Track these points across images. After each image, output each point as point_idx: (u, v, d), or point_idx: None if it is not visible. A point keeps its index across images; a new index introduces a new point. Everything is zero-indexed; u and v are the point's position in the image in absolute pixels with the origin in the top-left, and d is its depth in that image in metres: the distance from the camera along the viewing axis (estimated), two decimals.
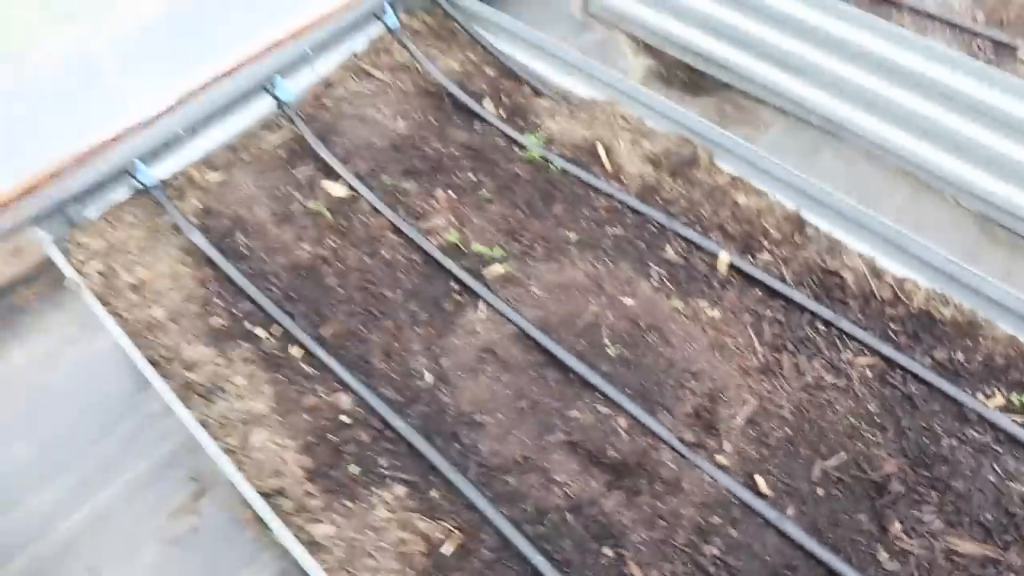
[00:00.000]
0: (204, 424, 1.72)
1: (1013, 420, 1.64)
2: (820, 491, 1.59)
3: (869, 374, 1.74)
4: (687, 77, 2.81)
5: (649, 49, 2.90)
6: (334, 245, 2.06)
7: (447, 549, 1.54)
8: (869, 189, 2.42)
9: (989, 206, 2.31)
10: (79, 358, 2.30)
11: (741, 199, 2.04)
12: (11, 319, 2.42)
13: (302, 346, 1.86)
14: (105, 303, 1.96)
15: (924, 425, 1.66)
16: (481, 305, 1.89)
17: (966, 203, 2.37)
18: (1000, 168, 2.24)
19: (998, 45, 2.35)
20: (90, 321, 2.33)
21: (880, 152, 2.47)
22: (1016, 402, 1.67)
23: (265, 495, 1.60)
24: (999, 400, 1.68)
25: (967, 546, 1.50)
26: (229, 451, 1.68)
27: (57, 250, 2.04)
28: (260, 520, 1.88)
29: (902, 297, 1.84)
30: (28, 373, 2.29)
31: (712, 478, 1.59)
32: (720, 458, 1.63)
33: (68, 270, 1.99)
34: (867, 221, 1.91)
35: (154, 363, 1.84)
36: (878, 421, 1.68)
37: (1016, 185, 2.25)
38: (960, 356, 1.75)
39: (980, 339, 1.76)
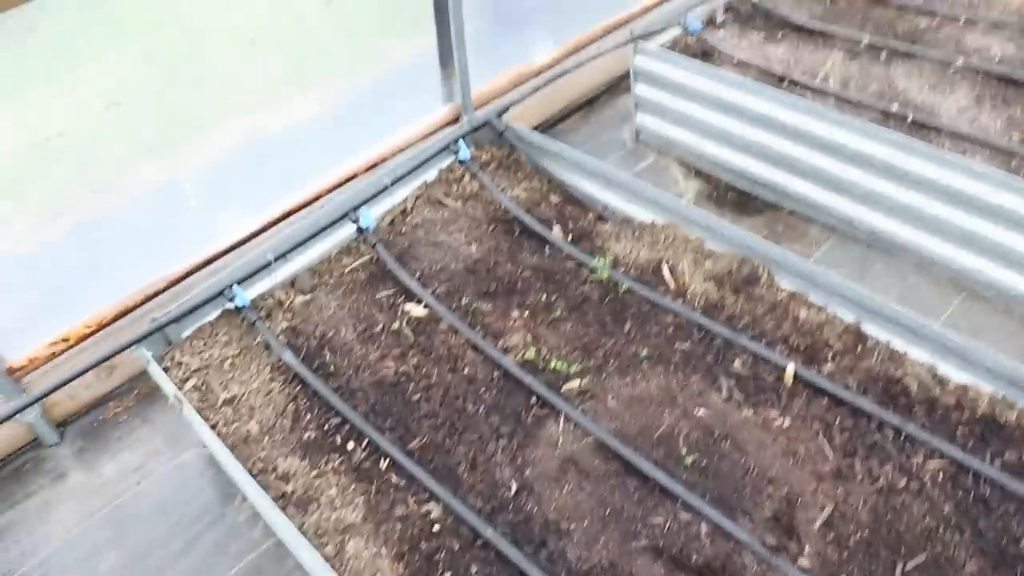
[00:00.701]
0: (302, 531, 1.80)
1: None
2: None
3: (941, 477, 1.80)
4: (736, 198, 2.98)
5: (698, 173, 3.09)
6: (417, 363, 2.18)
7: None
8: (921, 299, 2.52)
9: None
10: (165, 471, 2.41)
11: (802, 313, 2.15)
12: (101, 433, 2.55)
13: (391, 458, 1.96)
14: (204, 418, 2.08)
15: (1001, 526, 1.70)
16: (561, 418, 1.99)
17: (1015, 309, 2.45)
18: None
19: None
20: (176, 436, 2.47)
21: (928, 264, 2.59)
22: None
23: None
24: None
25: None
26: (327, 559, 1.75)
27: (159, 369, 2.19)
28: None
29: (966, 402, 1.91)
30: (117, 486, 2.40)
31: None
32: (802, 561, 1.67)
33: (170, 388, 2.13)
34: (925, 330, 2.00)
35: (252, 475, 1.94)
36: (954, 523, 1.72)
37: None
38: None
39: None
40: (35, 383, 2.42)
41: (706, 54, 3.09)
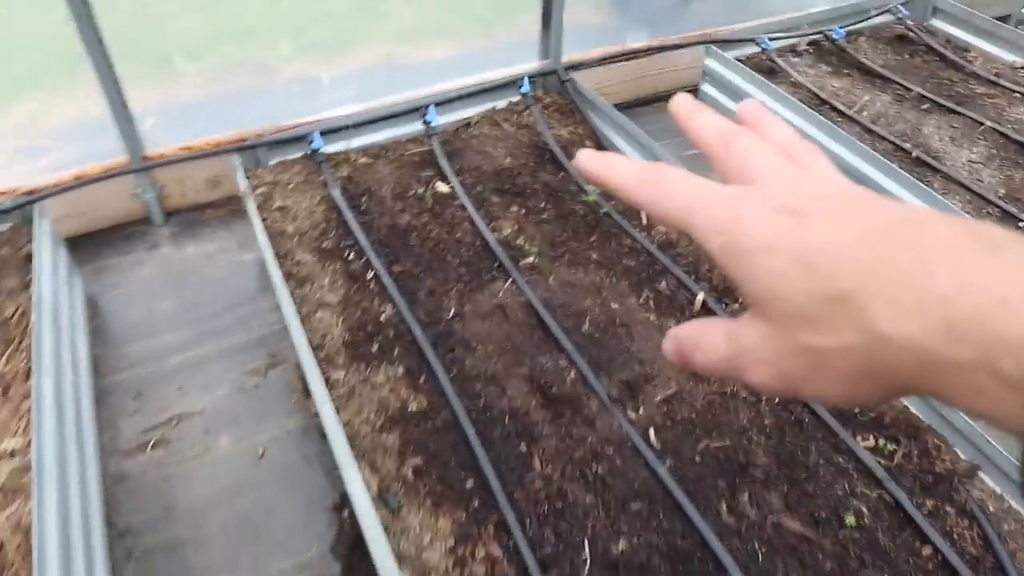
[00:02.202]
0: (292, 296, 2.41)
1: (876, 460, 2.01)
2: (697, 459, 2.01)
3: (777, 402, 2.17)
4: None
5: None
6: (425, 221, 2.76)
7: (412, 409, 2.10)
8: None
9: None
10: (228, 262, 3.10)
11: None
12: (194, 228, 3.28)
13: (375, 272, 2.53)
14: (260, 213, 2.73)
15: (803, 444, 2.06)
16: (509, 281, 2.50)
17: None
18: None
19: (1006, 215, 2.75)
20: (246, 242, 3.16)
21: None
22: (884, 448, 2.04)
23: (312, 346, 2.24)
24: (871, 443, 2.05)
25: (793, 524, 1.88)
26: (300, 316, 2.35)
27: (243, 173, 2.87)
28: (304, 392, 2.53)
29: None
30: (191, 262, 3.11)
31: (619, 424, 2.07)
32: (631, 415, 2.11)
33: (244, 185, 2.81)
34: None
35: (275, 256, 2.57)
36: (767, 431, 2.09)
37: None
38: (856, 409, 2.14)
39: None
40: (157, 171, 3.18)
41: (772, 71, 3.49)
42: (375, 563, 1.76)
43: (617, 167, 0.52)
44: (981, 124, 3.16)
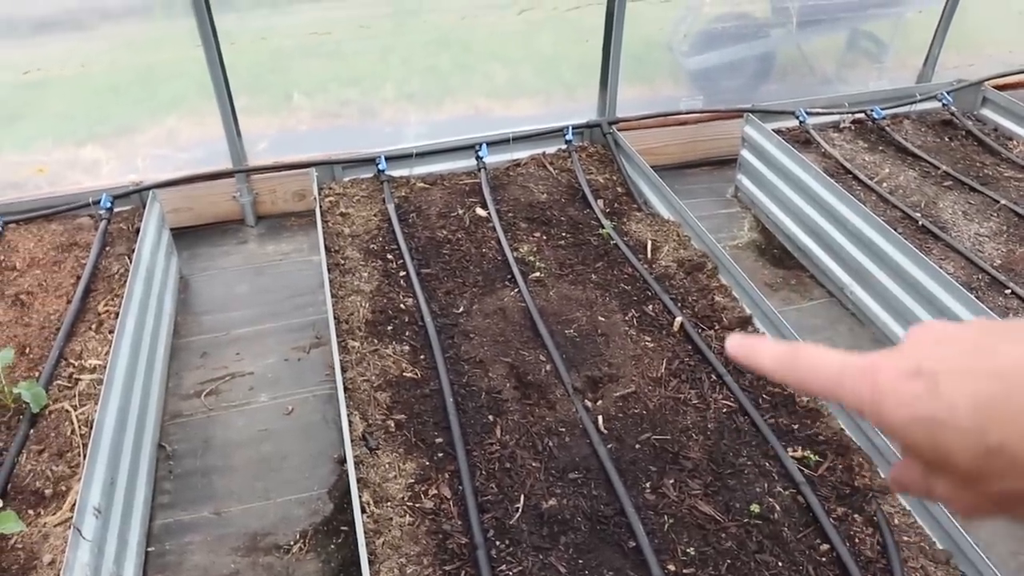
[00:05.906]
0: (331, 283, 2.87)
1: (799, 467, 2.24)
2: (637, 446, 2.30)
3: (724, 411, 2.43)
4: (778, 254, 3.62)
5: (762, 229, 3.77)
6: (460, 237, 3.19)
7: (407, 376, 2.50)
8: None
9: None
10: (298, 261, 3.64)
11: (718, 299, 2.83)
12: (278, 232, 3.85)
13: (407, 272, 2.97)
14: (323, 216, 3.25)
15: (736, 447, 2.31)
16: (515, 289, 2.88)
17: None
18: None
19: (994, 281, 2.91)
20: (316, 246, 3.67)
21: (882, 338, 3.08)
22: (810, 459, 2.26)
23: (336, 319, 2.69)
24: (799, 454, 2.28)
25: (706, 508, 2.14)
26: (334, 296, 2.81)
27: (316, 184, 3.41)
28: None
29: (784, 384, 2.50)
30: (269, 258, 3.66)
31: (576, 410, 2.39)
32: (588, 403, 2.42)
33: (315, 191, 3.34)
34: (785, 332, 2.61)
35: (327, 249, 3.06)
36: (708, 433, 2.36)
37: None
38: (796, 426, 2.37)
39: (819, 422, 2.38)
40: (253, 180, 3.77)
41: (807, 142, 3.77)
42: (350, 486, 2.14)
43: (759, 353, 0.54)
44: (998, 203, 3.32)
